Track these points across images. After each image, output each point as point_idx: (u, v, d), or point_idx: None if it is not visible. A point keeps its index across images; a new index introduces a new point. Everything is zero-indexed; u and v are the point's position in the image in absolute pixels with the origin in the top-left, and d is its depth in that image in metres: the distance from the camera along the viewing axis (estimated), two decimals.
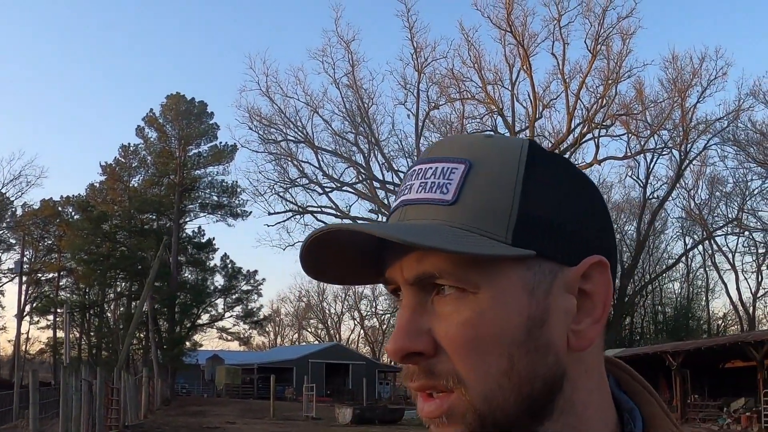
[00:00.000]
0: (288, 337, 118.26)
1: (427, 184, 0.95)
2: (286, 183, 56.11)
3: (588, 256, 0.95)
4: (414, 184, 0.96)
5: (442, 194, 0.94)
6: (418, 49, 55.29)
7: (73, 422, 19.80)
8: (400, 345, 0.92)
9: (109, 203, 68.42)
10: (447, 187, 0.94)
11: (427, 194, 0.94)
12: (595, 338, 0.96)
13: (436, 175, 0.95)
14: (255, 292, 71.19)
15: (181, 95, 66.88)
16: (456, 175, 0.94)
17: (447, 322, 0.92)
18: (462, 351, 0.91)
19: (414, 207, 0.95)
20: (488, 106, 56.73)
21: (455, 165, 0.95)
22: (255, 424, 35.49)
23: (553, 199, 0.94)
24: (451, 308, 0.92)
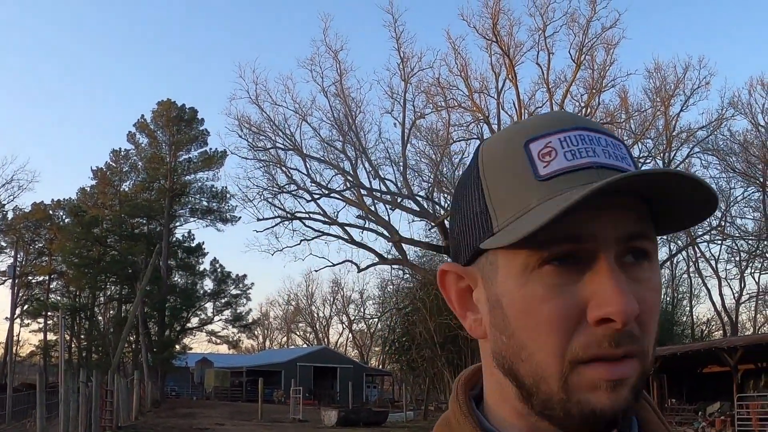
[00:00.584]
0: (277, 340, 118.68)
1: (609, 153, 0.97)
2: (275, 189, 57.20)
3: None
4: (596, 149, 0.98)
5: (628, 165, 0.98)
6: (405, 59, 56.31)
7: (70, 422, 20.98)
8: (635, 307, 0.92)
9: (100, 207, 68.88)
10: (626, 160, 0.98)
11: (617, 162, 0.97)
12: None
13: (611, 146, 0.98)
14: (244, 296, 72.70)
15: (171, 102, 67.94)
16: (623, 151, 0.99)
17: (645, 288, 0.95)
18: (653, 316, 0.96)
19: (612, 172, 0.96)
20: (474, 114, 57.95)
21: (617, 142, 1.00)
22: (243, 425, 36.63)
23: None
24: (646, 274, 0.96)
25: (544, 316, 0.94)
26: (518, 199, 0.96)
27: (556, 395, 0.95)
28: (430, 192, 57.16)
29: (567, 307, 0.93)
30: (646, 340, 0.94)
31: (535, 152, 0.98)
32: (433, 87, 56.96)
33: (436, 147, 57.62)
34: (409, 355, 56.74)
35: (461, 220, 1.05)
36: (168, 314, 65.13)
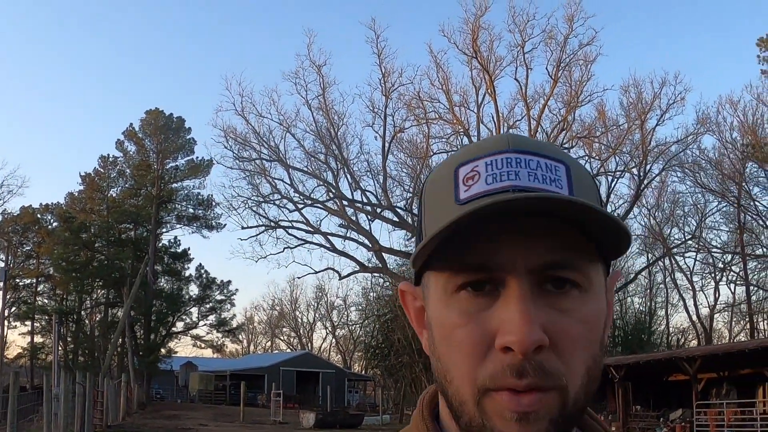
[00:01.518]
0: (261, 344, 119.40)
1: (537, 175, 0.95)
2: (259, 198, 58.93)
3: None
4: (520, 172, 0.95)
5: (558, 188, 0.95)
6: (386, 74, 58.17)
7: (62, 420, 23.08)
8: (537, 337, 0.90)
9: (88, 212, 70.37)
10: (559, 182, 0.95)
11: (542, 185, 0.94)
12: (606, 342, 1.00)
13: (542, 169, 0.96)
14: (228, 302, 74.55)
15: (159, 110, 69.76)
16: (561, 172, 0.96)
17: (569, 318, 0.93)
18: (575, 349, 0.92)
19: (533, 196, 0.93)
20: (455, 127, 59.86)
21: (556, 164, 0.97)
22: (226, 427, 38.68)
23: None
24: (570, 304, 0.93)
25: (456, 341, 0.95)
26: (438, 223, 0.93)
27: (475, 420, 0.95)
28: (410, 203, 58.90)
29: (477, 334, 0.93)
30: (567, 374, 0.92)
31: (461, 176, 0.98)
32: (414, 100, 59.00)
33: (416, 159, 59.33)
34: (388, 360, 58.53)
35: (415, 241, 1.08)
36: (154, 319, 66.52)
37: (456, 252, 0.93)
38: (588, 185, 0.99)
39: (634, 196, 59.63)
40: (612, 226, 0.90)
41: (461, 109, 59.18)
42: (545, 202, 0.88)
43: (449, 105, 58.78)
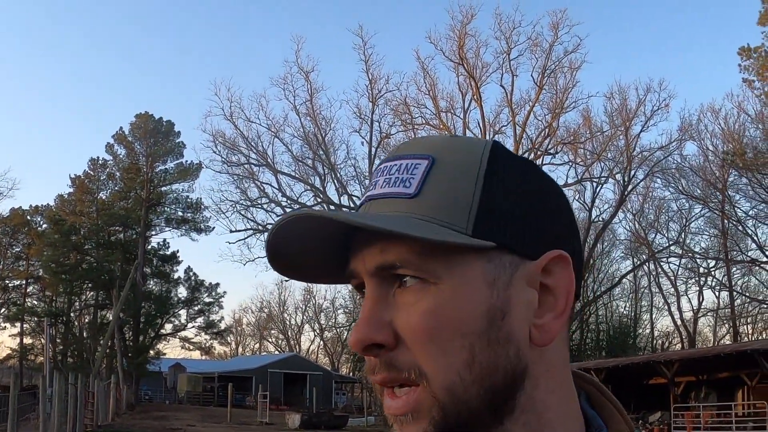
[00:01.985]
0: (249, 346, 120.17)
1: (391, 180, 0.98)
2: (248, 202, 59.76)
3: (549, 250, 0.97)
4: (379, 181, 0.99)
5: (405, 188, 0.96)
6: (373, 80, 59.15)
7: (56, 420, 24.07)
8: (362, 336, 0.92)
9: (78, 215, 71.21)
10: (410, 181, 0.96)
11: (390, 188, 0.97)
12: (557, 333, 0.97)
13: (400, 170, 0.98)
14: (216, 305, 75.53)
15: (149, 114, 70.80)
16: (419, 169, 0.97)
17: (408, 313, 0.92)
18: (423, 341, 0.91)
19: (377, 201, 0.98)
20: (441, 132, 60.72)
21: (418, 161, 0.98)
22: (213, 427, 39.56)
23: (515, 194, 0.97)
24: (412, 298, 0.93)
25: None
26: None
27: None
28: None
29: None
30: (424, 367, 0.91)
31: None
32: (401, 106, 60.04)
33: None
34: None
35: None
36: (143, 321, 67.29)
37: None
38: (456, 174, 0.97)
39: (618, 201, 60.49)
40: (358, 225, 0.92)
41: (448, 115, 60.19)
42: (291, 224, 0.94)
43: (436, 110, 59.73)
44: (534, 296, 0.96)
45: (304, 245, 0.98)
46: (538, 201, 0.98)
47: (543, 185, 1.00)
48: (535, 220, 0.97)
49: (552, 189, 1.02)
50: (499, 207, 0.94)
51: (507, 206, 0.95)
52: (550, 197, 1.00)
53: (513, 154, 1.00)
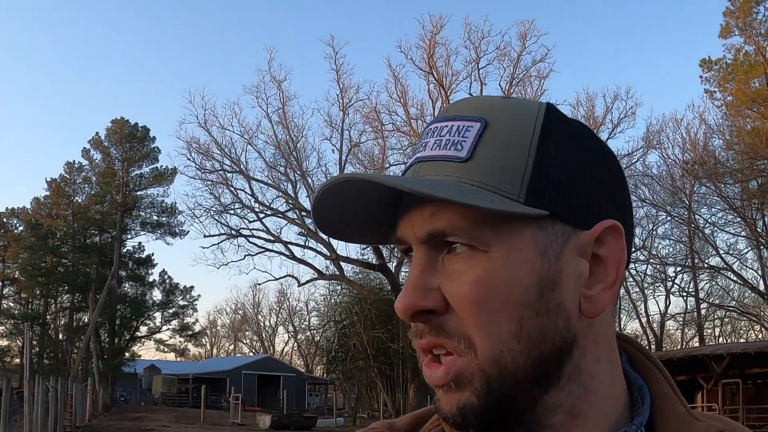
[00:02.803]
0: (224, 347, 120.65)
1: (442, 142, 0.95)
2: (221, 208, 61.43)
3: (602, 220, 0.95)
4: (429, 142, 0.97)
5: (456, 151, 0.93)
6: (344, 89, 60.93)
7: (39, 421, 26.01)
8: (410, 302, 0.91)
9: (54, 218, 72.15)
10: (462, 144, 0.94)
11: (441, 151, 0.95)
12: (607, 304, 0.95)
13: (451, 132, 0.95)
14: (191, 307, 76.56)
15: (125, 120, 72.14)
16: (471, 132, 0.94)
17: (458, 281, 0.91)
18: (473, 310, 0.90)
19: (428, 164, 0.95)
20: (411, 139, 62.80)
21: (471, 123, 0.95)
22: (186, 428, 41.44)
23: (568, 161, 0.94)
24: (462, 266, 0.91)
25: None
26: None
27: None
28: None
29: None
30: (473, 336, 0.91)
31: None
32: (371, 113, 61.95)
33: (372, 170, 62.15)
34: (345, 365, 61.23)
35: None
36: (118, 323, 68.44)
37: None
38: (510, 139, 0.94)
39: None
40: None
41: (418, 122, 62.11)
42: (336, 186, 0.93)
43: (407, 117, 61.70)
44: (585, 267, 0.95)
45: (352, 207, 0.99)
46: (592, 168, 0.97)
47: (598, 152, 1.00)
48: (589, 188, 0.95)
49: (607, 156, 1.01)
50: (553, 174, 0.93)
51: (560, 173, 0.94)
52: (605, 165, 1.00)
53: (568, 118, 1.01)
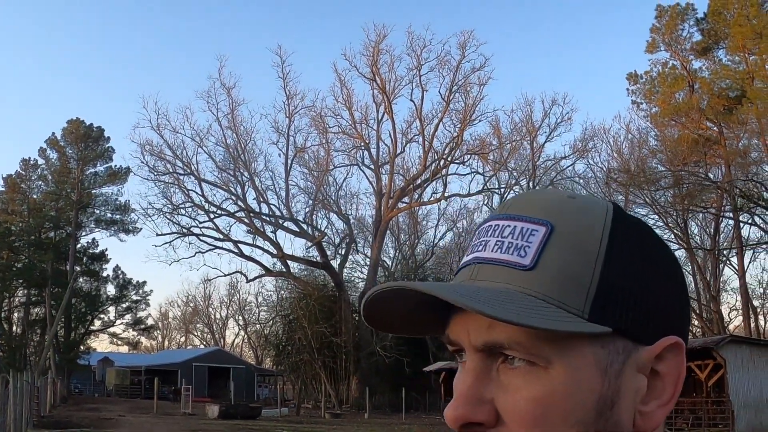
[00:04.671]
0: (176, 340, 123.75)
1: (504, 244, 0.94)
2: (173, 207, 65.69)
3: (664, 335, 0.93)
4: (489, 242, 0.95)
5: (520, 257, 0.92)
6: (290, 97, 65.77)
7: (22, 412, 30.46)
8: (461, 413, 0.90)
9: (9, 213, 75.18)
10: (525, 250, 0.92)
11: (504, 255, 0.93)
12: (661, 421, 0.95)
13: (514, 235, 0.94)
14: (143, 302, 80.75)
15: (80, 120, 76.25)
16: (536, 237, 0.93)
17: (515, 396, 0.90)
18: (528, 428, 0.89)
19: (488, 267, 0.94)
20: (356, 141, 67.58)
21: (536, 227, 0.93)
22: (141, 417, 45.41)
23: (635, 271, 0.92)
24: (520, 381, 0.90)
25: None
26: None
27: None
28: (310, 215, 66.45)
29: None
30: None
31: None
32: (318, 117, 66.61)
33: (316, 173, 66.95)
34: (290, 358, 65.54)
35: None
36: (73, 317, 72.12)
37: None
38: (576, 247, 0.93)
39: None
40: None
41: (362, 125, 66.89)
42: (388, 293, 0.93)
43: (352, 120, 66.39)
44: (644, 383, 0.94)
45: (402, 303, 0.97)
46: (657, 278, 0.95)
47: (662, 259, 0.97)
48: (653, 299, 0.94)
49: (670, 262, 0.99)
50: (619, 286, 0.91)
51: (626, 284, 0.92)
52: (668, 273, 0.97)
53: (632, 218, 0.98)
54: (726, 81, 56.87)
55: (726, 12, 55.62)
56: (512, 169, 68.27)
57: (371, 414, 55.07)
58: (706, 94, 57.09)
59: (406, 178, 66.58)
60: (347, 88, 66.25)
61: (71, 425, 36.30)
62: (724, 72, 56.85)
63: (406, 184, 65.59)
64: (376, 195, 66.50)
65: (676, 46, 59.67)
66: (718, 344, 35.91)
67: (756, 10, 52.59)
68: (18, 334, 76.45)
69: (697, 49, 58.60)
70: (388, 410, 58.62)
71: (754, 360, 37.07)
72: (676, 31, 59.24)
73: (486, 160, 66.27)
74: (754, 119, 52.67)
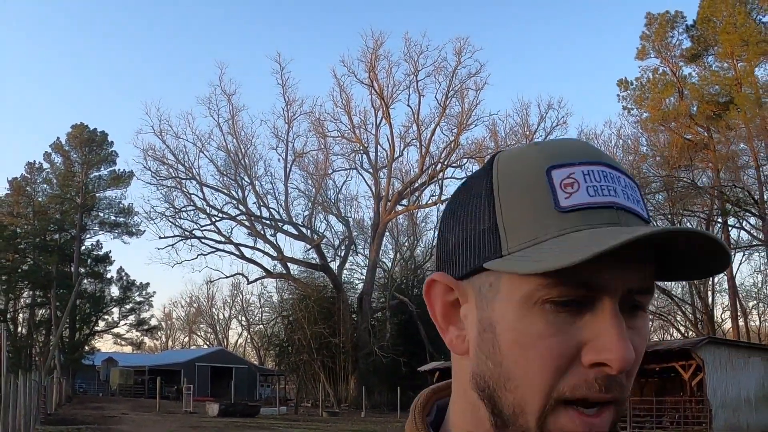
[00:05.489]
0: (179, 340, 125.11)
1: (628, 195, 0.98)
2: (175, 211, 67.42)
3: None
4: (617, 189, 0.97)
5: (642, 210, 0.99)
6: (289, 103, 67.42)
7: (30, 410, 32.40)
8: (633, 356, 0.93)
9: (15, 216, 77.25)
10: (641, 205, 1.00)
11: (635, 206, 0.98)
12: None
13: (629, 187, 0.99)
14: (146, 303, 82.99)
15: (84, 125, 78.38)
16: (638, 194, 1.00)
17: (642, 339, 0.97)
18: (638, 365, 0.97)
19: (629, 215, 0.97)
20: (355, 145, 69.20)
21: (633, 183, 1.00)
22: (144, 415, 47.21)
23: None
24: (641, 324, 0.98)
25: (539, 352, 0.94)
26: (534, 226, 0.95)
27: (531, 431, 0.96)
28: (308, 219, 68.13)
29: (564, 347, 0.94)
30: (628, 387, 0.97)
31: (557, 180, 0.97)
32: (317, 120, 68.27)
33: (315, 178, 68.62)
34: (290, 357, 67.24)
35: (461, 231, 1.03)
36: (78, 318, 74.09)
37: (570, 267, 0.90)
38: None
39: None
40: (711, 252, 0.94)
41: (361, 130, 68.53)
42: (699, 238, 0.92)
43: (351, 125, 68.04)
44: None
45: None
46: None
47: None
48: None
49: None
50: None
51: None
52: None
53: None
54: (715, 87, 58.43)
55: (715, 19, 57.17)
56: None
57: (368, 413, 56.68)
58: (696, 100, 58.65)
59: (404, 182, 68.16)
60: (346, 93, 67.82)
61: (76, 422, 38.24)
62: (713, 78, 58.43)
63: (404, 188, 67.23)
64: (375, 198, 68.17)
65: (666, 53, 61.26)
66: (696, 345, 37.42)
67: (743, 18, 54.16)
68: (24, 335, 78.43)
69: (687, 56, 60.14)
70: (386, 409, 60.33)
71: (732, 361, 38.71)
72: (665, 38, 60.81)
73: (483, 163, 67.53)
74: (743, 125, 54.22)
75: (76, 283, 65.31)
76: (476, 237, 1.01)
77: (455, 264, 1.04)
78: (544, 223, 0.95)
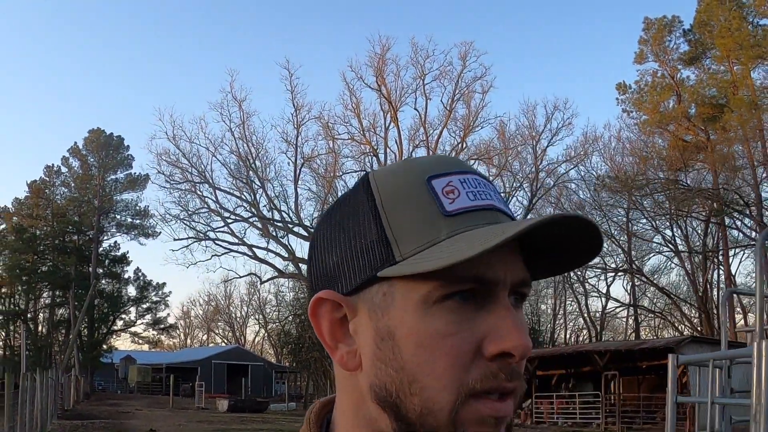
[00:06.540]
0: (198, 337, 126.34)
1: (499, 199, 1.06)
2: (190, 212, 69.42)
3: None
4: (490, 193, 1.05)
5: (512, 213, 1.06)
6: (298, 108, 69.00)
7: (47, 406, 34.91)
8: (530, 344, 0.98)
9: (34, 218, 79.41)
10: (509, 208, 1.06)
11: (507, 209, 1.06)
12: None
13: (497, 193, 1.08)
14: (163, 303, 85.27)
15: (101, 130, 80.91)
16: (503, 199, 1.07)
17: (525, 329, 1.00)
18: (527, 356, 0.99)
19: (505, 216, 1.04)
20: (364, 148, 70.84)
21: (497, 189, 1.10)
22: (156, 411, 49.21)
23: None
24: (522, 316, 1.02)
25: (444, 350, 0.96)
26: (424, 232, 0.99)
27: (444, 428, 0.97)
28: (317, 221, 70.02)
29: (467, 342, 0.96)
30: (523, 376, 1.00)
31: (438, 188, 1.02)
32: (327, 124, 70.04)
33: (325, 179, 70.46)
34: (302, 355, 69.27)
35: (344, 248, 1.05)
36: (96, 317, 76.20)
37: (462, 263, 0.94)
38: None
39: (527, 208, 70.23)
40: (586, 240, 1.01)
41: (370, 133, 70.28)
42: (574, 221, 0.98)
43: (360, 128, 69.75)
44: None
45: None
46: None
47: None
48: None
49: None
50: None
51: None
52: None
53: None
54: (712, 89, 59.96)
55: (713, 22, 58.68)
56: (516, 172, 70.95)
57: None
58: (694, 102, 60.19)
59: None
60: (356, 97, 69.47)
61: (91, 417, 40.74)
62: (711, 81, 59.96)
63: None
64: None
65: (663, 57, 62.56)
66: (679, 344, 39.16)
67: (738, 22, 55.74)
68: (43, 334, 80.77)
69: (685, 59, 61.61)
70: None
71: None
72: (663, 42, 62.15)
73: (491, 164, 69.05)
74: (740, 127, 55.83)
75: (92, 282, 67.42)
76: (363, 250, 1.03)
77: (340, 280, 1.06)
78: (435, 226, 1.00)
